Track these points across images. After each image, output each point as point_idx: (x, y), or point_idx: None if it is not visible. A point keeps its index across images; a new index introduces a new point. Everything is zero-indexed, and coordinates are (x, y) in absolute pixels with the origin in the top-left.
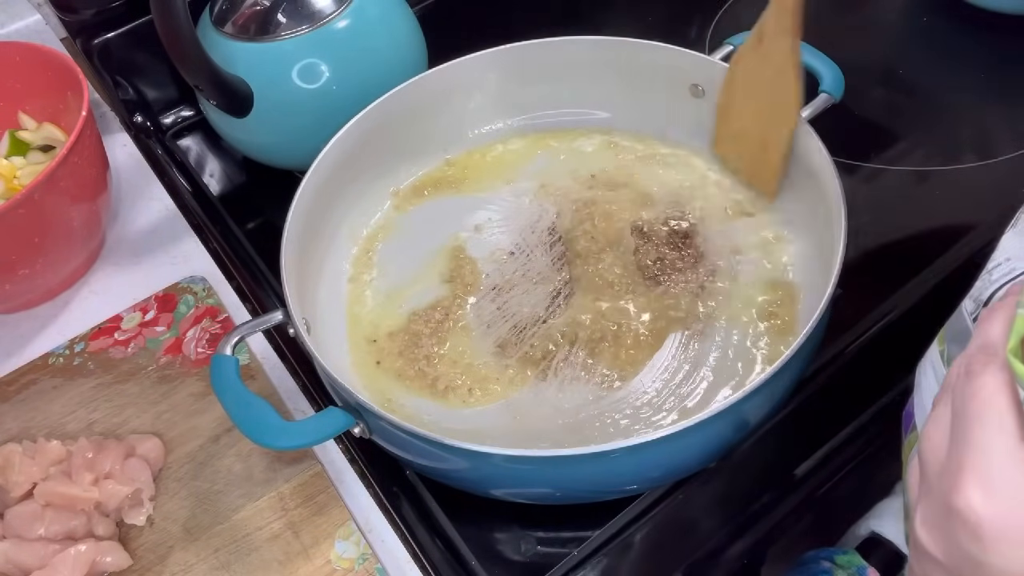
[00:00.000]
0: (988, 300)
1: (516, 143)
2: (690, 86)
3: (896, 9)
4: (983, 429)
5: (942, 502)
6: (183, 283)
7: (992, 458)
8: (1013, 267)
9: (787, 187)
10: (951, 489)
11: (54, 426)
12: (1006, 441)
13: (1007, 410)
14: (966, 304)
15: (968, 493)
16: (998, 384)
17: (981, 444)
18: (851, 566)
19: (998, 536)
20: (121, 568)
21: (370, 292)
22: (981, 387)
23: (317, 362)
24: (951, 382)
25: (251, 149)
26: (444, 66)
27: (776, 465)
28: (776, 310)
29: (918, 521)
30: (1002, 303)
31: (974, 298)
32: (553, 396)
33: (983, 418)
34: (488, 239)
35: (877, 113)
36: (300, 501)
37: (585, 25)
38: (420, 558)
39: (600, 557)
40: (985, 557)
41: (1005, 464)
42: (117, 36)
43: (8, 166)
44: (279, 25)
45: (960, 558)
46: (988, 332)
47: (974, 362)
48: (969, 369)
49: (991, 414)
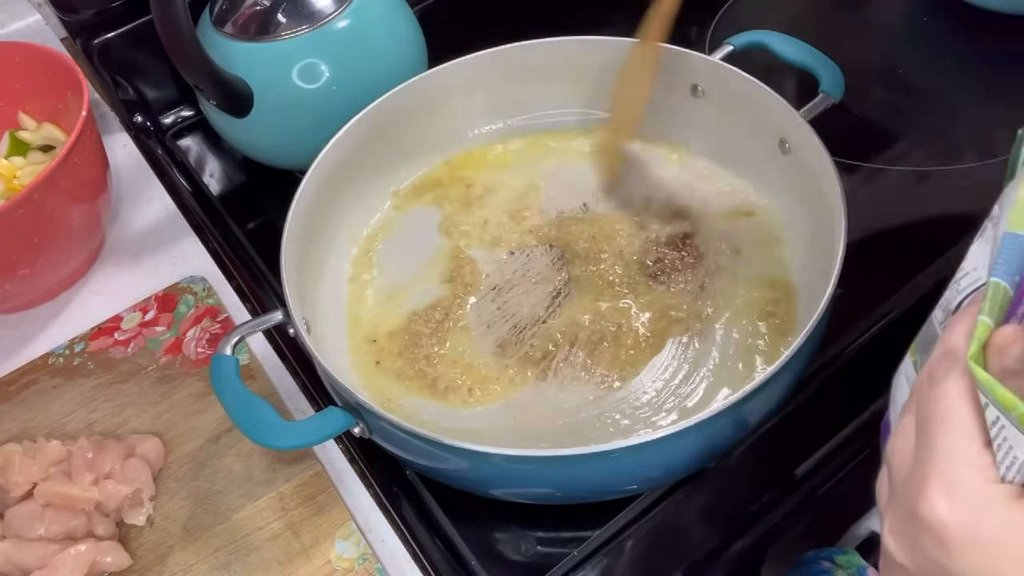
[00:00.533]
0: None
1: (516, 143)
2: (690, 86)
3: (896, 9)
4: (946, 435)
5: (908, 509)
6: (183, 283)
7: (955, 465)
8: (979, 276)
9: (787, 187)
10: (916, 496)
11: (54, 426)
12: (969, 447)
13: (969, 416)
14: (936, 314)
15: (932, 500)
16: (960, 390)
17: (944, 451)
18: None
19: (962, 543)
20: (121, 568)
21: (370, 292)
22: (943, 393)
23: (317, 362)
24: (916, 390)
25: (251, 149)
26: (444, 66)
27: (776, 465)
28: (776, 310)
29: (886, 529)
30: (965, 311)
31: (943, 308)
32: (553, 396)
33: (945, 424)
34: (488, 239)
35: (877, 113)
36: (300, 501)
37: (585, 25)
38: (420, 558)
39: (600, 557)
40: (950, 564)
41: (968, 470)
42: (117, 36)
43: (8, 166)
44: (279, 25)
45: (927, 565)
46: (950, 339)
47: (936, 369)
48: (932, 376)
49: (953, 420)
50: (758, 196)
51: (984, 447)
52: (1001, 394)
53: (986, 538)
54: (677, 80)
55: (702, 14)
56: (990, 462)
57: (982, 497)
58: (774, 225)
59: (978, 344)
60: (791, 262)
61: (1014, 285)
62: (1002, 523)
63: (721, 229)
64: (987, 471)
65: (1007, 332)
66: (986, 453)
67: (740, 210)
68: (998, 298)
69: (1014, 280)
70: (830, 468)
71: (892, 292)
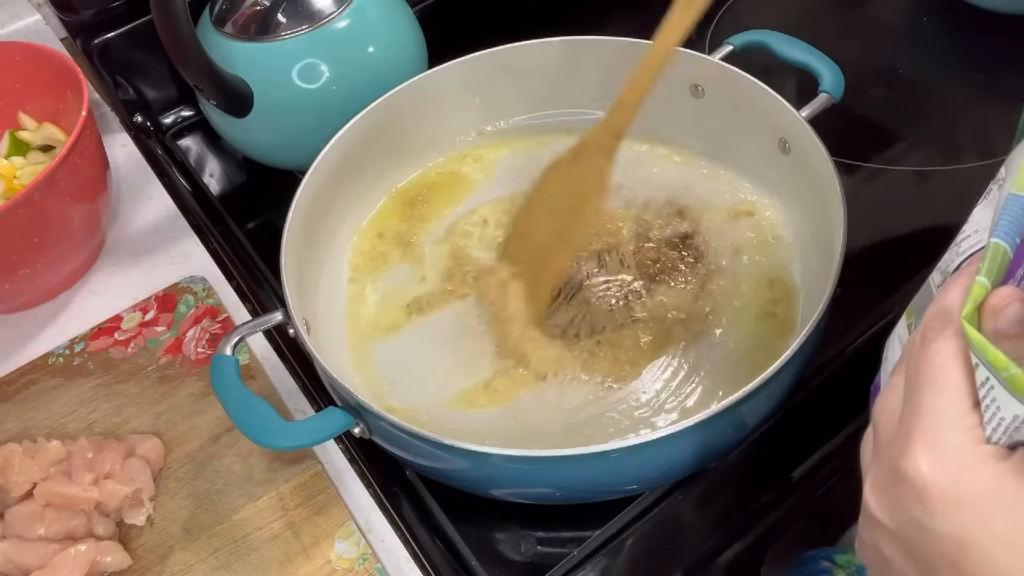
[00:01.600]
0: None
1: (516, 143)
2: (690, 86)
3: (896, 9)
4: (934, 394)
5: (891, 466)
6: (183, 283)
7: (941, 424)
8: (981, 239)
9: (787, 187)
10: (900, 454)
11: (54, 426)
12: (956, 407)
13: (959, 376)
14: (934, 276)
15: (916, 458)
16: (952, 350)
17: (931, 409)
18: (851, 566)
19: (944, 501)
20: (121, 568)
21: (370, 292)
22: (935, 353)
23: (317, 362)
24: (907, 350)
25: (251, 149)
26: (443, 66)
27: (775, 465)
28: (776, 310)
29: (868, 486)
30: (962, 271)
31: (941, 270)
32: (553, 396)
33: (935, 384)
34: (488, 239)
35: (877, 113)
36: (300, 501)
37: (585, 25)
38: (420, 558)
39: (600, 557)
40: (931, 522)
41: (954, 429)
42: (117, 36)
43: (8, 166)
44: (279, 25)
45: (906, 523)
46: (946, 299)
47: (929, 328)
48: (924, 335)
49: (943, 379)
50: (758, 196)
51: (972, 407)
52: (993, 354)
53: (968, 497)
54: (677, 80)
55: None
56: (977, 422)
57: (966, 457)
58: (774, 225)
59: (973, 304)
60: (791, 262)
61: (1014, 247)
62: (985, 483)
63: (721, 229)
64: (973, 431)
65: (1003, 293)
66: (973, 413)
67: (740, 210)
68: (997, 259)
69: (1014, 242)
70: (829, 468)
71: (892, 292)
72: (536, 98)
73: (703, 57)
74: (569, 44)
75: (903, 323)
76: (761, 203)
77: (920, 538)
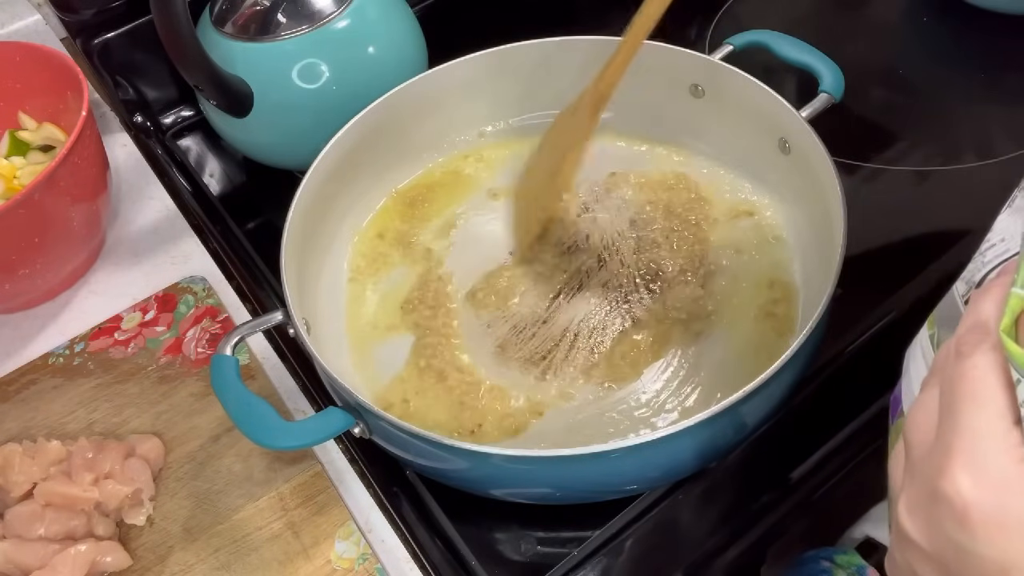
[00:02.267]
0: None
1: (516, 143)
2: (690, 86)
3: (896, 9)
4: (973, 411)
5: (928, 487)
6: (183, 283)
7: (982, 441)
8: (1008, 248)
9: (787, 187)
10: (938, 473)
11: (54, 426)
12: (997, 424)
13: (999, 391)
14: (958, 286)
15: (956, 478)
16: (990, 364)
17: (971, 427)
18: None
19: (986, 523)
20: (121, 568)
21: (370, 292)
22: (972, 367)
23: (317, 362)
24: (940, 364)
25: (251, 149)
26: (443, 66)
27: (775, 465)
28: (776, 310)
29: (902, 507)
30: (996, 281)
31: (966, 280)
32: (553, 396)
33: (974, 399)
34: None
35: (877, 113)
36: (300, 501)
37: (585, 25)
38: (420, 558)
39: (600, 557)
40: (972, 545)
41: (996, 448)
42: (117, 36)
43: (8, 166)
44: (279, 25)
45: (945, 545)
46: (980, 311)
47: (964, 342)
48: (959, 349)
49: (982, 395)
50: (758, 196)
51: (1013, 425)
52: None
53: (1012, 520)
54: (677, 80)
55: (702, 14)
56: (1019, 441)
57: (1010, 477)
58: (774, 225)
59: (1011, 316)
60: (791, 262)
61: None
62: None
63: (721, 229)
64: (1016, 450)
65: None
66: (1015, 431)
67: (740, 210)
68: None
69: None
70: (829, 469)
71: (892, 292)
72: (536, 98)
73: (703, 57)
74: (569, 44)
75: (925, 333)
76: (761, 203)
77: (959, 560)
